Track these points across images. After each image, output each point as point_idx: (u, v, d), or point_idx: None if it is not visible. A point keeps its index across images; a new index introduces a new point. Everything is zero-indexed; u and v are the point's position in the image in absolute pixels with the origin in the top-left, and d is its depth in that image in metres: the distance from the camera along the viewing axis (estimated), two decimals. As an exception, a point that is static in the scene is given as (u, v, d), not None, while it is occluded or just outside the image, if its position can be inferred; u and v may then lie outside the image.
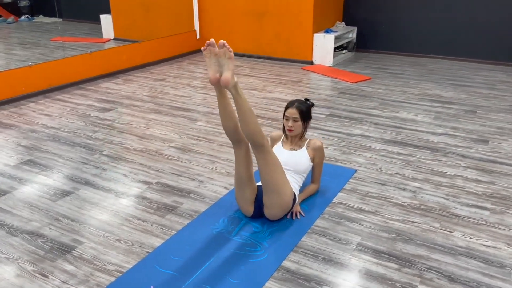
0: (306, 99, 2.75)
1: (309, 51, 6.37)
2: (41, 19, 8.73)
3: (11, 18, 8.60)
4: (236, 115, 2.32)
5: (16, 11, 8.71)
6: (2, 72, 4.70)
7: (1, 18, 8.54)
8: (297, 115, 2.65)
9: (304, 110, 2.67)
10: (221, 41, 2.19)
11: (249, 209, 2.56)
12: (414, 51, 6.83)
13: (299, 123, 2.67)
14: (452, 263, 2.23)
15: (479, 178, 3.08)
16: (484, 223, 2.56)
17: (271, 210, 2.50)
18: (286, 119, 2.70)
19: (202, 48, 2.23)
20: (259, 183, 2.58)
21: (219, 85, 2.26)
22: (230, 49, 2.17)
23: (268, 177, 2.41)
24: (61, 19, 8.42)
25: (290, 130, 2.71)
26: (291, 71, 6.03)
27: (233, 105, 2.32)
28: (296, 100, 2.71)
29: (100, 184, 2.99)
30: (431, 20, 6.56)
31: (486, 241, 2.40)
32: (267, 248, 2.33)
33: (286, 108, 2.70)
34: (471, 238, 2.42)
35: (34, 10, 8.84)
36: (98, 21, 7.59)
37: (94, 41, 7.41)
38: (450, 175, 3.12)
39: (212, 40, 2.20)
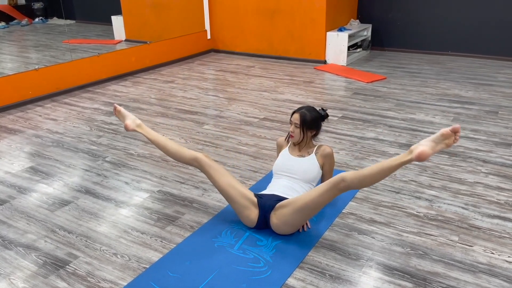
0: (322, 109, 2.59)
1: (322, 50, 6.18)
2: (55, 21, 8.72)
3: (25, 21, 8.62)
4: (166, 146, 2.62)
5: (30, 13, 8.72)
6: (9, 76, 4.66)
7: (16, 21, 8.56)
8: (298, 121, 2.51)
9: (307, 119, 2.51)
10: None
11: (252, 221, 2.42)
12: (432, 48, 6.57)
13: (299, 130, 2.53)
14: (472, 282, 2.04)
15: (501, 185, 2.87)
16: (507, 236, 2.37)
17: (280, 227, 2.37)
18: (291, 124, 2.57)
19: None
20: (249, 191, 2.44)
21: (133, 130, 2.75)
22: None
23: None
24: (74, 21, 8.41)
25: (291, 136, 2.57)
26: (304, 71, 5.85)
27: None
28: (305, 107, 2.57)
29: (100, 193, 2.89)
30: (450, 15, 6.29)
31: (509, 256, 2.21)
32: (271, 263, 2.19)
33: (293, 112, 2.56)
34: (492, 253, 2.23)
35: (48, 12, 8.85)
36: (110, 22, 7.54)
37: (106, 42, 7.36)
38: (470, 182, 2.92)
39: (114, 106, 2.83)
